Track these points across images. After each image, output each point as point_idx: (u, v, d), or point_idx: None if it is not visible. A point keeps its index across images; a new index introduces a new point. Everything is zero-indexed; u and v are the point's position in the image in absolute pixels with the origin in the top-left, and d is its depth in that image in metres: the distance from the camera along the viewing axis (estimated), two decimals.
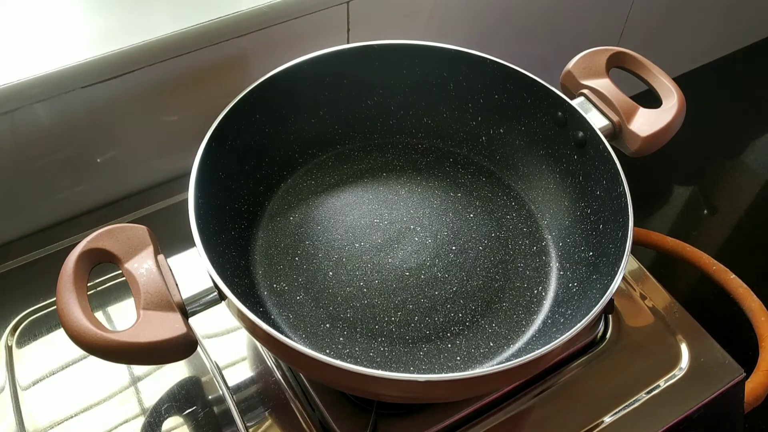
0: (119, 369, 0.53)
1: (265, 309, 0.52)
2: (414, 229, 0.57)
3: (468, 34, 0.79)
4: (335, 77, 0.60)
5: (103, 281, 0.58)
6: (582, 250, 0.54)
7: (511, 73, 0.57)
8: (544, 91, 0.56)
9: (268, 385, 0.53)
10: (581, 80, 0.58)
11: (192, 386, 0.53)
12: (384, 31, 0.71)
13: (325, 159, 0.63)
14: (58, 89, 0.54)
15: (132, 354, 0.40)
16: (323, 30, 0.65)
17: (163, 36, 0.56)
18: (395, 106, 0.63)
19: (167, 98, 0.61)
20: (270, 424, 0.51)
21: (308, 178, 0.61)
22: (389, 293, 0.53)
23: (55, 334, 0.55)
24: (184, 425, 0.51)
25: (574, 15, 0.88)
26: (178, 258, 0.57)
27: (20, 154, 0.57)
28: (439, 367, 0.50)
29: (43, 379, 0.53)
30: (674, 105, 0.57)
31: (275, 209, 0.59)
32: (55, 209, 0.63)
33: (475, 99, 0.61)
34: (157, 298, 0.42)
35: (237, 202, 0.56)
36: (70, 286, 0.41)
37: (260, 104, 0.56)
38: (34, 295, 0.57)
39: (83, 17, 0.58)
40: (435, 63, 0.60)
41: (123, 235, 0.45)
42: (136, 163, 0.64)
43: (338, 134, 0.63)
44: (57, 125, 0.57)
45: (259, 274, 0.54)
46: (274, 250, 0.56)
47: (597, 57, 0.59)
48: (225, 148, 0.53)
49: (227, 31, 0.59)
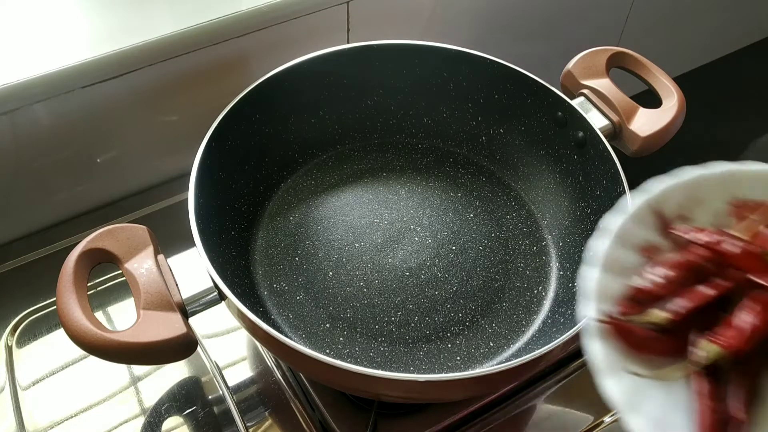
0: (119, 369, 0.53)
1: (265, 309, 0.52)
2: (414, 229, 0.57)
3: (468, 34, 0.79)
4: (335, 77, 0.60)
5: (103, 281, 0.58)
6: (582, 250, 0.54)
7: (511, 73, 0.57)
8: (544, 91, 0.56)
9: (268, 385, 0.53)
10: (581, 80, 0.58)
11: (192, 386, 0.53)
12: (384, 31, 0.71)
13: (325, 159, 0.63)
14: (58, 89, 0.54)
15: (132, 354, 0.40)
16: (323, 30, 0.65)
17: (163, 36, 0.56)
18: (395, 106, 0.63)
19: (167, 98, 0.61)
20: (270, 424, 0.51)
21: (308, 178, 0.61)
22: (389, 293, 0.53)
23: (55, 334, 0.55)
24: (184, 425, 0.51)
25: (574, 15, 0.88)
26: (178, 258, 0.57)
27: (20, 154, 0.57)
28: (439, 367, 0.50)
29: (43, 379, 0.53)
30: (674, 105, 0.57)
31: (275, 209, 0.59)
32: (55, 209, 0.63)
33: (475, 99, 0.61)
34: (157, 298, 0.42)
35: (237, 202, 0.56)
36: (70, 286, 0.41)
37: (260, 104, 0.56)
38: (34, 295, 0.57)
39: (83, 17, 0.58)
40: (435, 63, 0.60)
41: (123, 235, 0.45)
42: (136, 163, 0.64)
43: (338, 134, 0.63)
44: (57, 125, 0.57)
45: (259, 274, 0.54)
46: (274, 250, 0.56)
47: (597, 57, 0.59)
48: (225, 148, 0.53)
49: (227, 31, 0.59)
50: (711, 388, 0.32)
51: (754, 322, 0.32)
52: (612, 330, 0.33)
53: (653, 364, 0.33)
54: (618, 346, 0.33)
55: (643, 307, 0.34)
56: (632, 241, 0.37)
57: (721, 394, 0.32)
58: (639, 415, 0.31)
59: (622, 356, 0.33)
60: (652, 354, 0.33)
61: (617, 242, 0.36)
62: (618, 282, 0.35)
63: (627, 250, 0.36)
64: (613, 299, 0.35)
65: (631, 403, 0.31)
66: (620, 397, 0.31)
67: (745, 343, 0.32)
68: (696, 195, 0.37)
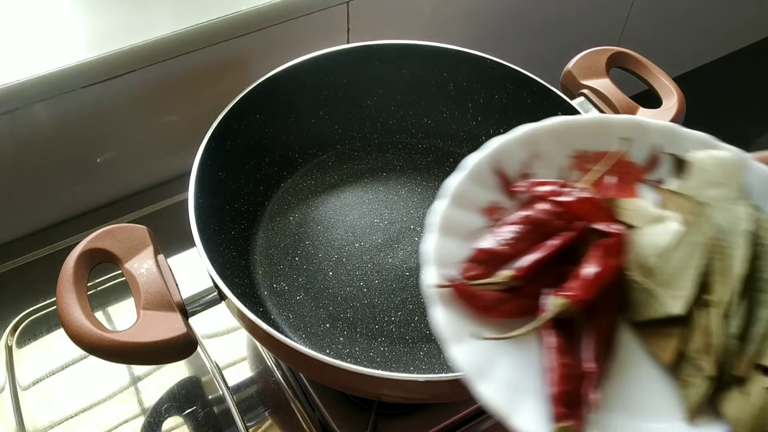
0: (119, 369, 0.53)
1: (265, 309, 0.52)
2: (414, 229, 0.57)
3: (468, 34, 0.79)
4: (335, 77, 0.60)
5: (103, 281, 0.58)
6: None
7: (511, 73, 0.57)
8: (544, 91, 0.56)
9: (268, 385, 0.53)
10: (581, 80, 0.58)
11: (192, 386, 0.53)
12: (384, 31, 0.71)
13: (325, 159, 0.63)
14: (58, 89, 0.54)
15: (132, 354, 0.40)
16: (323, 30, 0.65)
17: (163, 36, 0.56)
18: (395, 106, 0.63)
19: (167, 98, 0.61)
20: (270, 424, 0.51)
21: (308, 178, 0.61)
22: (389, 293, 0.53)
23: (55, 334, 0.55)
24: (184, 425, 0.51)
25: (574, 15, 0.88)
26: (178, 258, 0.57)
27: (20, 154, 0.57)
28: (439, 367, 0.49)
29: (43, 379, 0.53)
30: (674, 105, 0.57)
31: (275, 209, 0.59)
32: (55, 209, 0.63)
33: (475, 99, 0.61)
34: (157, 298, 0.42)
35: (237, 202, 0.56)
36: (70, 286, 0.41)
37: (260, 104, 0.56)
38: (34, 295, 0.57)
39: (83, 17, 0.58)
40: (435, 63, 0.60)
41: (123, 235, 0.45)
42: (136, 163, 0.64)
43: (338, 134, 0.63)
44: (57, 125, 0.57)
45: (259, 274, 0.54)
46: (274, 250, 0.56)
47: (597, 57, 0.60)
48: (225, 148, 0.53)
49: (227, 31, 0.59)
50: (561, 342, 0.31)
51: (595, 270, 0.32)
52: (456, 295, 0.32)
53: (508, 328, 0.32)
54: (465, 312, 0.32)
55: (491, 269, 0.33)
56: (474, 203, 0.36)
57: (573, 348, 0.31)
58: (489, 381, 0.30)
59: (470, 321, 0.32)
60: (504, 316, 0.32)
61: (455, 204, 0.35)
62: (461, 245, 0.34)
63: (468, 211, 0.35)
64: (456, 263, 0.33)
65: (480, 369, 0.30)
66: (468, 365, 0.30)
67: (588, 292, 0.31)
68: (535, 150, 0.37)
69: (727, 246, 0.33)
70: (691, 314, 0.32)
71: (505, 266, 0.33)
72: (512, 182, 0.36)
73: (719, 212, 0.34)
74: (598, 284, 0.31)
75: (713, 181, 0.35)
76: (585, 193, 0.34)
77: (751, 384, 0.30)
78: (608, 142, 0.38)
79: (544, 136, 0.37)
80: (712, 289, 0.32)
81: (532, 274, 0.32)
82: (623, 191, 0.37)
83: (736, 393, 0.30)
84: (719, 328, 0.31)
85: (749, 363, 0.30)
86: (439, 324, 0.31)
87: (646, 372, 0.32)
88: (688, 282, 0.32)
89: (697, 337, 0.31)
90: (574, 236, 0.34)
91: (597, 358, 0.31)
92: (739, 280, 0.32)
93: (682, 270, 0.32)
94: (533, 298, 0.32)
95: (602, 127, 0.38)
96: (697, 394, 0.31)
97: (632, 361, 0.32)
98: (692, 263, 0.32)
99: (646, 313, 0.32)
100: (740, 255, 0.32)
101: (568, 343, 0.31)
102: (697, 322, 0.31)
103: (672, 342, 0.32)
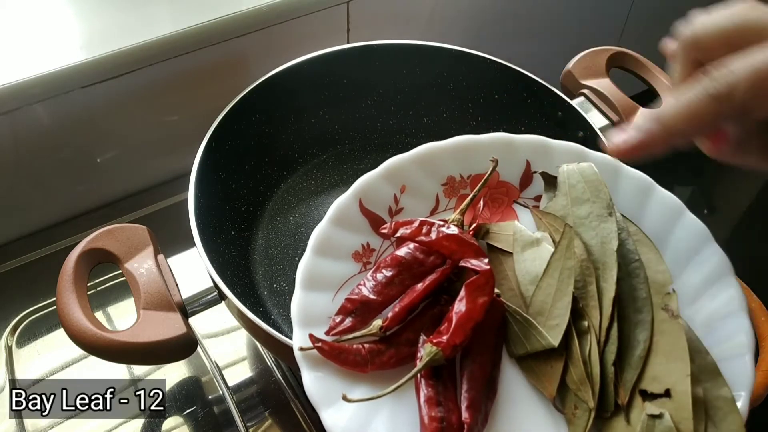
0: (119, 369, 0.53)
1: (265, 309, 0.52)
2: None
3: (468, 34, 0.79)
4: (335, 77, 0.60)
5: (103, 281, 0.58)
6: None
7: (511, 73, 0.57)
8: (544, 91, 0.56)
9: (268, 385, 0.53)
10: (581, 80, 0.58)
11: (192, 386, 0.53)
12: (384, 31, 0.71)
13: (325, 159, 0.62)
14: (58, 89, 0.54)
15: (132, 354, 0.40)
16: (323, 30, 0.65)
17: (163, 36, 0.56)
18: (395, 106, 0.63)
19: (167, 98, 0.61)
20: (270, 424, 0.51)
21: (308, 178, 0.61)
22: None
23: (55, 334, 0.55)
24: (184, 425, 0.50)
25: (574, 15, 0.88)
26: (178, 258, 0.57)
27: (20, 154, 0.57)
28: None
29: (43, 379, 0.53)
30: None
31: (275, 209, 0.59)
32: (55, 209, 0.63)
33: (475, 99, 0.61)
34: (157, 298, 0.42)
35: (237, 202, 0.56)
36: (70, 286, 0.41)
37: (260, 104, 0.55)
38: (34, 295, 0.57)
39: (83, 17, 0.58)
40: (435, 63, 0.60)
41: (123, 235, 0.45)
42: (136, 163, 0.64)
43: (338, 134, 0.63)
44: (57, 125, 0.57)
45: (259, 274, 0.54)
46: (274, 250, 0.56)
47: (597, 57, 0.59)
48: (225, 148, 0.53)
49: (227, 31, 0.59)
50: (432, 394, 0.29)
51: (463, 310, 0.29)
52: (325, 354, 0.30)
53: (387, 380, 0.29)
54: (338, 370, 0.30)
55: (363, 319, 0.31)
56: (342, 250, 0.33)
57: (451, 395, 0.29)
58: None
59: (343, 380, 0.29)
60: (383, 368, 0.30)
61: (319, 254, 0.33)
62: (331, 297, 0.32)
63: (336, 260, 0.33)
64: (326, 318, 0.31)
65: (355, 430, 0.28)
66: (341, 430, 0.28)
67: (459, 336, 0.29)
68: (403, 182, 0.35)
69: (598, 267, 0.31)
70: (570, 343, 0.30)
71: (378, 315, 0.31)
72: (381, 221, 0.34)
73: (588, 231, 0.32)
74: (469, 325, 0.29)
75: (581, 197, 0.33)
76: (449, 230, 0.32)
77: (632, 411, 0.29)
78: (479, 163, 0.36)
79: (409, 167, 0.35)
80: (586, 315, 0.30)
81: (403, 321, 0.31)
82: (500, 214, 0.35)
83: (621, 421, 0.29)
84: (596, 356, 0.29)
85: (628, 389, 0.29)
86: (308, 389, 0.29)
87: (534, 408, 0.30)
88: (561, 310, 0.30)
89: (575, 368, 0.29)
90: (441, 277, 0.32)
91: (474, 405, 0.29)
92: (611, 302, 0.30)
93: (556, 297, 0.30)
94: (411, 344, 0.30)
95: (469, 150, 0.36)
96: (580, 427, 0.29)
97: (519, 397, 0.31)
98: (565, 289, 0.30)
99: (526, 346, 0.31)
100: (611, 276, 0.30)
101: (445, 391, 0.29)
102: (574, 351, 0.30)
103: (555, 374, 0.30)
